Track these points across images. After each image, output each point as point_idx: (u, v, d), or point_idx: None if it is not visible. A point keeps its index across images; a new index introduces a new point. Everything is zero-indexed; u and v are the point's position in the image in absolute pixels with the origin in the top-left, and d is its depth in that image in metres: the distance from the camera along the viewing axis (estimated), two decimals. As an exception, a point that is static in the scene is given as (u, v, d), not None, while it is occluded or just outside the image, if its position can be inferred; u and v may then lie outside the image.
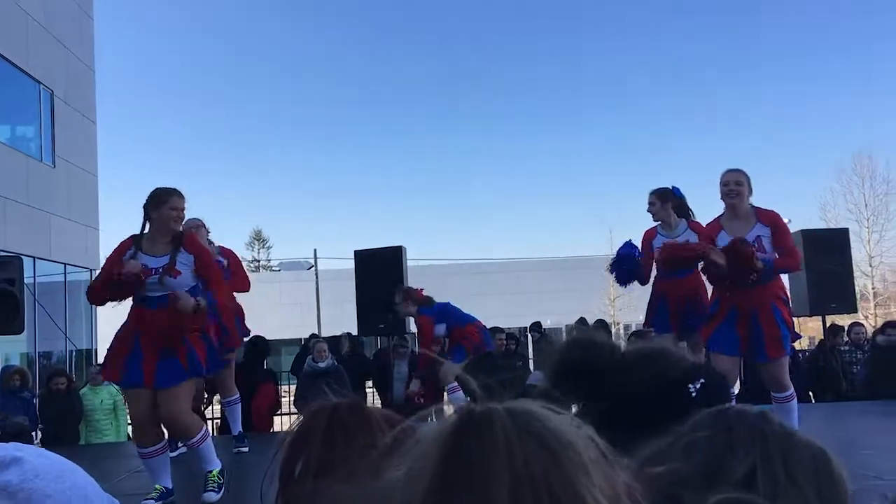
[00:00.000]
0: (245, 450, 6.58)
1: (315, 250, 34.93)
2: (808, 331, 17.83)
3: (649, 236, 6.21)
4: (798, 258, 5.40)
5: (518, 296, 31.13)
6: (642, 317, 6.51)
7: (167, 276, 4.68)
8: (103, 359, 5.29)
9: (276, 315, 28.24)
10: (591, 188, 61.76)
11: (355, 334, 10.30)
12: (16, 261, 7.58)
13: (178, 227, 4.88)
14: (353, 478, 0.80)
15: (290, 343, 20.24)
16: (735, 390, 6.87)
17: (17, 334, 8.00)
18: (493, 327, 9.28)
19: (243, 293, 6.54)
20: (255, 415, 8.44)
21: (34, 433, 8.57)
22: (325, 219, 66.66)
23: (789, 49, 56.07)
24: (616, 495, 0.62)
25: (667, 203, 6.14)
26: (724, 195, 5.15)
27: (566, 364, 1.28)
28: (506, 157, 63.21)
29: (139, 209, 4.89)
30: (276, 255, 50.68)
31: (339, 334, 10.65)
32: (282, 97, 69.22)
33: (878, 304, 29.93)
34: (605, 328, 10.83)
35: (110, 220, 43.59)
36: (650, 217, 6.27)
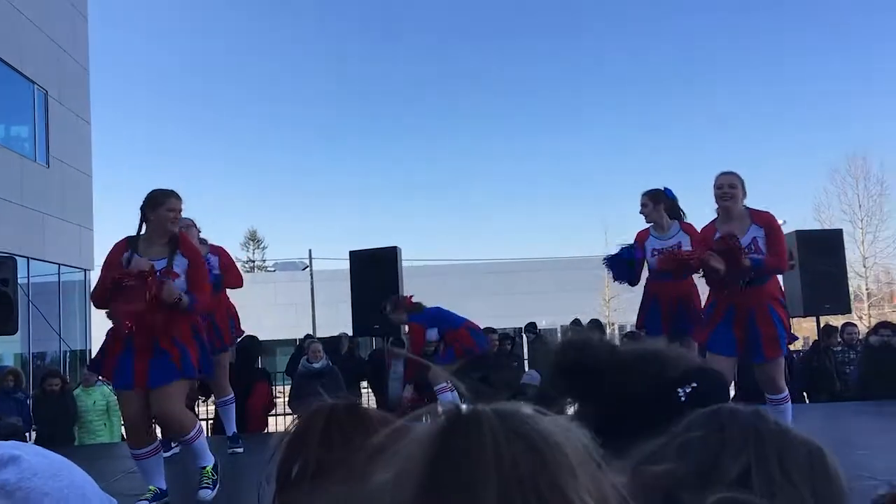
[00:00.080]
0: (240, 451, 6.56)
1: (310, 251, 34.81)
2: (803, 331, 17.92)
3: (641, 238, 6.24)
4: (784, 259, 5.45)
5: (513, 296, 31.18)
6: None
7: (166, 279, 4.68)
8: (95, 354, 5.26)
9: (271, 315, 28.23)
10: (591, 189, 61.91)
11: (350, 335, 10.32)
12: (10, 261, 7.55)
13: (175, 228, 4.87)
14: (351, 479, 0.81)
15: (285, 343, 20.21)
16: (730, 392, 6.89)
17: (11, 335, 7.99)
18: (486, 328, 9.28)
19: (237, 289, 6.55)
20: (250, 414, 8.43)
21: (28, 434, 8.54)
22: (320, 219, 66.55)
23: (789, 49, 56.36)
24: (603, 497, 0.62)
25: (659, 204, 6.15)
26: (718, 198, 5.18)
27: (563, 365, 1.29)
28: (505, 157, 63.20)
29: (134, 209, 4.88)
30: (270, 256, 50.58)
31: (338, 334, 10.67)
32: (277, 97, 69.10)
33: (871, 304, 30.00)
34: (600, 328, 10.85)
35: (104, 220, 43.43)
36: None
